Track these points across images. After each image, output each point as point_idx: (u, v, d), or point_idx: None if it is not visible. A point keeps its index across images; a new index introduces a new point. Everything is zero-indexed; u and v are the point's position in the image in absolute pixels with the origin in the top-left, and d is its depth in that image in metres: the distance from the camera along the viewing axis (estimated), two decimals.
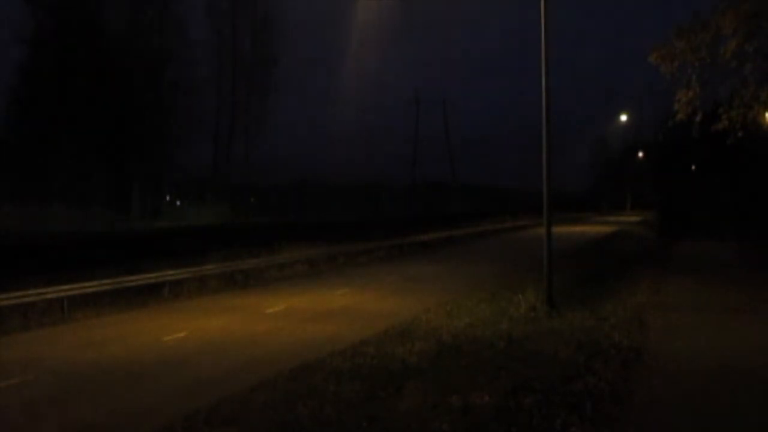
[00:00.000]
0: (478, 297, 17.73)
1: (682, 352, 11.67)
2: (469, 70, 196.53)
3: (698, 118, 14.47)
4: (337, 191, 73.74)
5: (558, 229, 28.33)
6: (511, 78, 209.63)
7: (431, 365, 10.61)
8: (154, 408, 9.19)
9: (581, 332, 12.91)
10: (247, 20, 65.05)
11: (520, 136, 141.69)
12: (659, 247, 37.29)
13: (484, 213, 67.16)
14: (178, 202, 59.62)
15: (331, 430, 7.87)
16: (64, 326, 15.37)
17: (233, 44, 64.86)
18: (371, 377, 9.96)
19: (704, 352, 11.76)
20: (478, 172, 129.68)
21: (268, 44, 65.23)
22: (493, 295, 17.87)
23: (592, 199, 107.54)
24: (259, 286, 21.94)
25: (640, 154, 74.30)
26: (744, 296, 18.35)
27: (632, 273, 23.27)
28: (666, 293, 18.90)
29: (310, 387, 9.51)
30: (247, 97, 65.10)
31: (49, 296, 16.61)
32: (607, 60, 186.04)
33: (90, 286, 17.78)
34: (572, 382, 9.38)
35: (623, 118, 65.90)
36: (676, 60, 14.08)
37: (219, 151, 65.71)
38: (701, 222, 48.02)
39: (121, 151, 47.69)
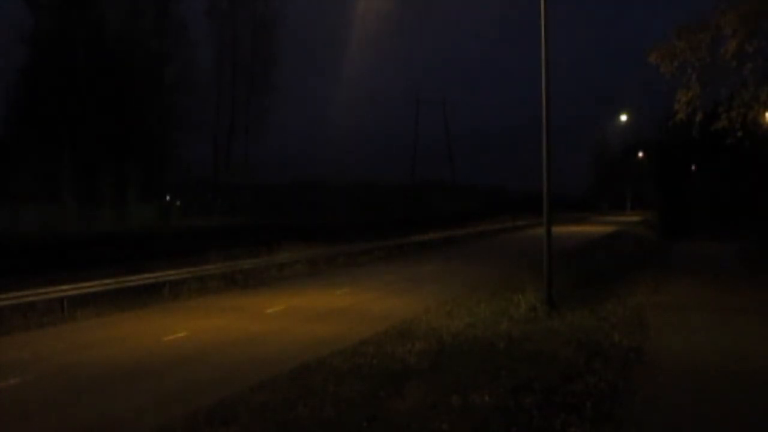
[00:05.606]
0: (478, 297, 17.73)
1: (683, 352, 11.67)
2: (469, 69, 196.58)
3: (698, 118, 14.47)
4: (337, 191, 73.65)
5: (558, 229, 28.31)
6: (511, 78, 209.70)
7: (431, 365, 10.60)
8: (154, 408, 9.18)
9: (581, 332, 12.91)
10: (247, 20, 65.16)
11: (520, 136, 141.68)
12: (659, 247, 37.32)
13: (483, 213, 67.22)
14: (177, 202, 59.58)
15: (331, 430, 7.86)
16: (64, 326, 15.36)
17: (233, 44, 64.98)
18: (371, 377, 9.96)
19: (705, 352, 11.75)
20: (477, 171, 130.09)
21: (268, 44, 65.35)
22: (493, 295, 17.87)
23: (592, 199, 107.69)
24: (259, 286, 21.94)
25: (640, 154, 74.35)
26: (744, 296, 18.36)
27: (632, 273, 23.26)
28: (666, 293, 18.90)
29: (311, 387, 9.51)
30: (247, 97, 65.28)
31: (49, 296, 16.63)
32: (607, 59, 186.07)
33: (90, 286, 17.81)
34: (572, 382, 9.38)
35: (623, 118, 65.85)
36: (676, 60, 14.09)
37: (219, 151, 65.87)
38: (701, 222, 48.09)
39: (121, 152, 47.65)
